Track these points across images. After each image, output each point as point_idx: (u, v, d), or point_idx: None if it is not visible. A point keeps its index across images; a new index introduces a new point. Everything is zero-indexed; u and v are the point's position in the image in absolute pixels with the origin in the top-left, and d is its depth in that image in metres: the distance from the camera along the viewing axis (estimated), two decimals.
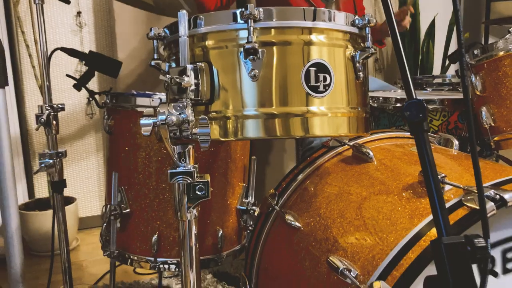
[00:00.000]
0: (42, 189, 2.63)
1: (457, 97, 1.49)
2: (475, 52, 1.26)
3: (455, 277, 0.57)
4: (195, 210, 0.77)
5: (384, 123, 1.54)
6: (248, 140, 1.45)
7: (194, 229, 0.78)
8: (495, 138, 1.23)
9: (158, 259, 1.32)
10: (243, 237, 1.48)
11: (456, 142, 1.11)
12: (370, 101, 1.53)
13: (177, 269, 1.34)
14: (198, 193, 0.74)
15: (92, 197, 2.73)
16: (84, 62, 1.43)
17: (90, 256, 2.35)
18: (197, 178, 0.75)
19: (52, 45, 2.57)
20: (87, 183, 2.70)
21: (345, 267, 0.80)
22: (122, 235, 1.36)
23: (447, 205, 0.78)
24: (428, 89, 2.03)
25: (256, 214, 1.38)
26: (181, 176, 0.74)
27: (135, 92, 1.43)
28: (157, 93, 1.37)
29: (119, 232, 1.35)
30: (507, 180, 0.80)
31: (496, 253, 0.80)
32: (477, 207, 0.73)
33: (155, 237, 1.31)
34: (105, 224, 1.40)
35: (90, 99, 2.58)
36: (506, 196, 0.73)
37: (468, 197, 0.77)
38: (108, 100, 1.36)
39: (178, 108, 0.71)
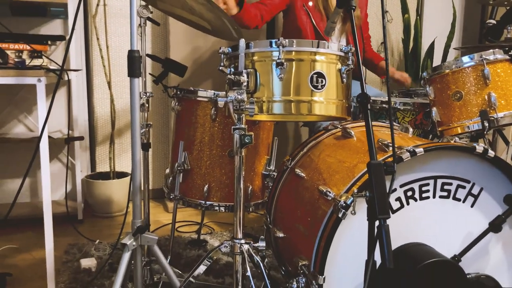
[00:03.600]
0: (102, 165, 3.19)
1: (422, 101, 2.05)
2: (429, 70, 1.82)
3: (376, 181, 1.14)
4: (243, 150, 1.36)
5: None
6: (272, 125, 2.01)
7: (242, 163, 1.37)
8: (439, 129, 1.79)
9: (207, 202, 1.89)
10: (264, 195, 2.03)
11: (411, 130, 1.67)
12: None
13: (220, 209, 1.92)
14: (246, 140, 1.33)
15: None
16: (161, 64, 2.02)
17: None
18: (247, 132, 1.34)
19: (119, 50, 3.16)
20: None
21: (327, 190, 1.37)
22: (183, 185, 1.89)
23: (387, 155, 1.36)
24: (415, 98, 2.57)
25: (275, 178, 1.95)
26: (237, 130, 1.33)
27: (192, 89, 2.02)
28: (208, 90, 1.96)
29: (181, 183, 1.90)
30: (422, 144, 1.36)
31: (415, 186, 1.37)
32: (401, 155, 1.30)
33: (206, 187, 1.88)
34: (171, 178, 1.99)
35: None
36: (417, 150, 1.29)
37: (399, 151, 1.34)
38: (178, 92, 1.96)
39: (239, 93, 1.30)
